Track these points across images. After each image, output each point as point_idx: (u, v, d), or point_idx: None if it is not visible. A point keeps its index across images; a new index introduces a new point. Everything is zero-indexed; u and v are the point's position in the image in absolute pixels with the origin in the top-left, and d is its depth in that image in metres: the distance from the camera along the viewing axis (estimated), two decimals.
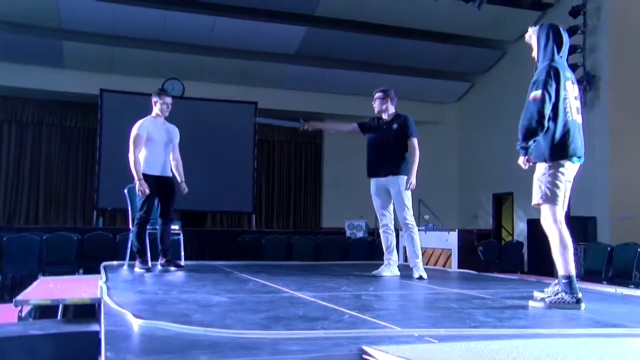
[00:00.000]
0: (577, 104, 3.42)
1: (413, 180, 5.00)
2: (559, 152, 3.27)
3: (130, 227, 5.69)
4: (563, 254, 3.19)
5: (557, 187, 3.27)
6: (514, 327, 2.53)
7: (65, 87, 11.89)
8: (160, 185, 5.31)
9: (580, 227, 9.51)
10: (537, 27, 3.58)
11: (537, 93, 3.27)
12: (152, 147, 5.31)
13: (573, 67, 10.68)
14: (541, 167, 3.34)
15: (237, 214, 13.48)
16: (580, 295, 3.16)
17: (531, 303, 3.24)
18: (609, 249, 7.86)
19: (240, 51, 12.34)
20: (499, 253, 9.66)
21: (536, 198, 3.33)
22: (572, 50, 10.72)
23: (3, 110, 12.57)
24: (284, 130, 14.58)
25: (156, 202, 5.35)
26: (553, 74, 3.29)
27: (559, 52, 3.42)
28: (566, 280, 3.15)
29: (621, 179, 10.12)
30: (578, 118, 3.39)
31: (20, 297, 3.58)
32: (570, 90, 3.37)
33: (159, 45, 11.87)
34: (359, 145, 14.55)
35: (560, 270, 3.20)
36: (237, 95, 12.53)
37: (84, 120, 12.93)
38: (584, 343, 2.05)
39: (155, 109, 5.44)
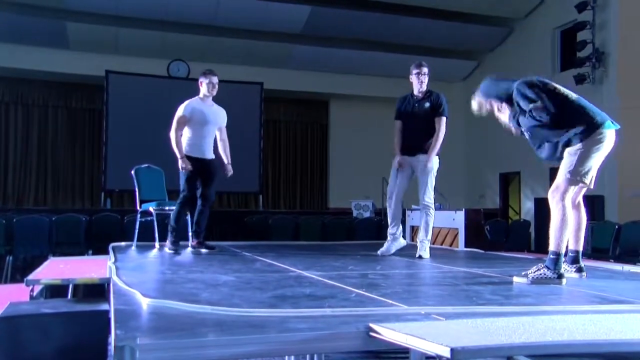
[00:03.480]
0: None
1: (430, 161, 4.95)
2: (587, 131, 3.21)
3: (138, 208, 5.73)
4: (560, 231, 3.21)
5: (589, 163, 3.22)
6: (521, 305, 2.54)
7: (71, 69, 11.88)
8: (203, 167, 5.28)
9: (588, 205, 9.45)
10: (492, 99, 3.56)
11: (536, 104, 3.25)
12: (196, 129, 5.25)
13: (582, 44, 10.59)
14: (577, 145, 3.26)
15: (244, 194, 13.53)
16: (562, 271, 3.20)
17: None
18: (616, 227, 7.84)
19: (245, 31, 12.26)
20: (506, 232, 9.67)
21: (564, 170, 3.26)
22: (581, 26, 10.58)
23: (9, 92, 12.60)
24: (290, 109, 14.54)
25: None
26: (537, 83, 3.31)
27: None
28: (554, 257, 3.19)
29: (629, 157, 10.03)
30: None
31: (31, 276, 3.63)
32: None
33: (164, 26, 11.82)
34: (365, 126, 14.48)
35: (552, 246, 3.22)
36: (243, 75, 12.47)
37: (90, 101, 12.94)
38: (590, 319, 2.06)
39: (202, 90, 5.33)
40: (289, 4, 11.78)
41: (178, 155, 5.16)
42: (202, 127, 5.27)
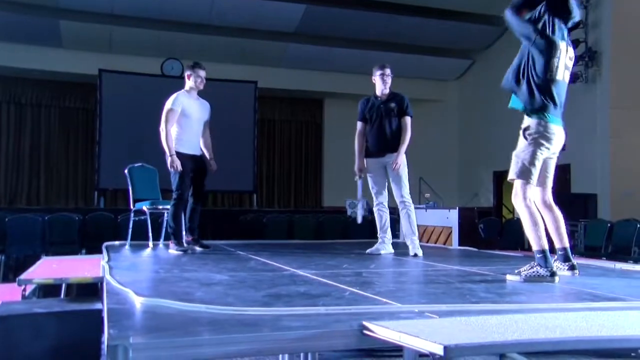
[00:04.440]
0: (570, 64, 3.45)
1: (399, 160, 5.01)
2: (541, 103, 3.30)
3: (132, 207, 5.71)
4: (535, 231, 3.26)
5: (534, 165, 3.31)
6: (514, 303, 2.55)
7: (64, 68, 11.82)
8: (194, 163, 5.21)
9: (581, 203, 9.53)
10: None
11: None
12: (186, 123, 5.15)
13: (575, 43, 10.62)
14: (521, 144, 3.37)
15: (238, 193, 13.51)
16: (554, 268, 3.25)
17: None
18: (608, 225, 7.89)
19: (240, 29, 12.23)
20: (500, 230, 9.70)
21: (512, 173, 3.38)
22: (575, 25, 10.60)
23: (1, 90, 12.52)
24: (285, 109, 14.54)
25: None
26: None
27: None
28: (540, 255, 3.23)
29: (622, 156, 10.10)
30: (566, 78, 3.42)
31: (23, 276, 3.62)
32: (563, 49, 3.39)
33: (158, 25, 11.77)
34: None
35: (534, 246, 3.28)
36: (237, 74, 12.44)
37: (83, 100, 12.89)
38: (582, 316, 2.07)
39: (189, 83, 5.26)
40: (283, 3, 11.77)
41: (167, 153, 5.03)
42: (190, 121, 5.18)
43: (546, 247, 3.26)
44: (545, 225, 3.41)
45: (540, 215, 3.37)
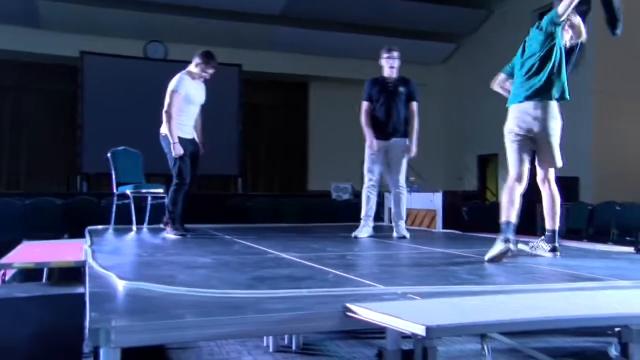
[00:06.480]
0: None
1: (414, 147, 5.05)
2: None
3: (115, 191, 5.65)
4: (507, 206, 3.43)
5: (511, 150, 3.59)
6: (495, 284, 2.59)
7: (44, 49, 11.57)
8: (192, 148, 5.12)
9: (563, 187, 9.62)
10: None
11: None
12: (187, 108, 5.04)
13: None
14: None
15: (224, 177, 13.44)
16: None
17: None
18: (589, 208, 8.00)
19: (224, 12, 12.07)
20: (484, 214, 9.77)
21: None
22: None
23: None
24: (270, 92, 14.44)
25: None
26: None
27: None
28: (504, 226, 3.39)
29: (604, 139, 10.21)
30: None
31: (3, 260, 3.58)
32: None
33: (142, 6, 11.57)
34: (344, 108, 14.46)
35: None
36: (223, 57, 12.14)
37: (65, 83, 12.63)
38: (562, 297, 2.10)
39: (194, 69, 5.10)
40: None
41: (171, 140, 4.87)
42: (191, 106, 5.10)
43: (511, 220, 3.36)
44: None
45: (522, 200, 3.45)
